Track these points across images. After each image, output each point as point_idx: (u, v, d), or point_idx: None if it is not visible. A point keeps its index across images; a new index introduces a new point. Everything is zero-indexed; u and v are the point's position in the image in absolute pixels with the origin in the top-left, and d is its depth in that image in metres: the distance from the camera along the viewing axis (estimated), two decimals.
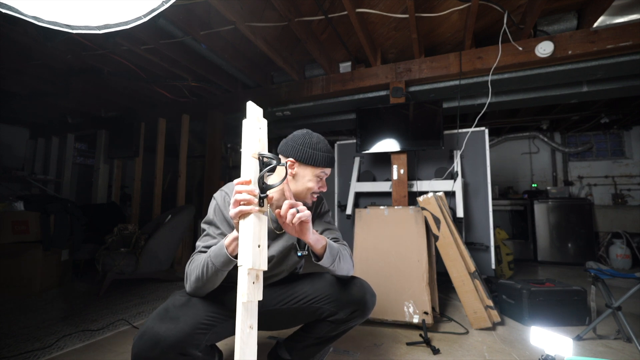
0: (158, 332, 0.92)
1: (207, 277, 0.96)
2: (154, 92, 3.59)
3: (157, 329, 0.93)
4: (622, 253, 3.94)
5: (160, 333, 0.92)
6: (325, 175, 1.15)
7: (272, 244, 1.18)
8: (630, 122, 4.82)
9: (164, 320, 0.96)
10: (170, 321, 0.96)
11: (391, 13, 2.37)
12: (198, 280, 0.99)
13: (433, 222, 2.17)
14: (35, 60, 2.88)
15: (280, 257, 1.19)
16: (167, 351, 0.91)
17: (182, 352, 0.94)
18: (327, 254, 1.02)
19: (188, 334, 0.95)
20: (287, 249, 1.20)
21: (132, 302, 2.46)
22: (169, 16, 2.12)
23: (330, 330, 1.19)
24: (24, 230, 2.66)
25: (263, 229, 0.78)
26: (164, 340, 0.91)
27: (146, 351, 0.90)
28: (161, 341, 0.91)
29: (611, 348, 1.70)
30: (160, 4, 0.81)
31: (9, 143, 4.67)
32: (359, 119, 2.99)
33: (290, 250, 1.20)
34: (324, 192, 1.16)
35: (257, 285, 0.74)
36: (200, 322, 1.00)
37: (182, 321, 0.97)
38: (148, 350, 0.90)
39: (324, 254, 1.02)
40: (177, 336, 0.93)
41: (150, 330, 0.93)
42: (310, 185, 1.11)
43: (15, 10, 0.62)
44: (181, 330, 0.95)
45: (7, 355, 1.58)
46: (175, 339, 0.92)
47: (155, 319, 0.96)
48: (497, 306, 2.15)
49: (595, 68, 2.49)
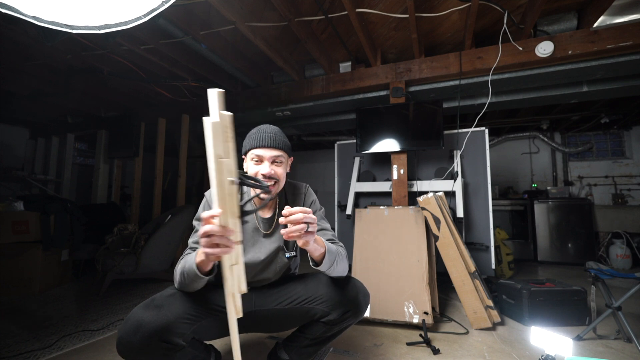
0: (141, 318, 0.95)
1: (186, 284, 1.00)
2: (154, 92, 3.59)
3: (140, 314, 0.96)
4: (622, 253, 3.93)
5: (143, 319, 0.94)
6: (263, 158, 1.10)
7: (260, 246, 1.18)
8: (630, 122, 4.82)
9: (148, 307, 0.99)
10: (154, 309, 0.98)
11: (391, 13, 2.37)
12: (181, 284, 1.02)
13: (433, 222, 2.17)
14: (35, 60, 2.88)
15: (269, 259, 1.19)
16: (149, 336, 0.93)
17: (164, 339, 0.96)
18: (326, 259, 1.01)
19: (171, 322, 0.97)
20: (275, 251, 1.19)
21: (132, 302, 2.46)
22: (169, 16, 2.12)
23: (325, 331, 1.19)
24: (24, 230, 2.66)
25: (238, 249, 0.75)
26: (145, 326, 0.93)
27: (129, 335, 0.93)
28: (143, 326, 0.93)
29: (611, 348, 1.70)
30: (160, 4, 0.81)
31: (9, 143, 4.67)
32: (359, 119, 2.99)
33: (279, 251, 1.20)
34: (271, 176, 1.10)
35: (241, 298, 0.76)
36: (185, 312, 1.02)
37: (165, 309, 0.99)
38: (131, 335, 0.93)
39: (323, 260, 1.01)
40: (158, 323, 0.95)
41: (134, 315, 0.96)
42: (250, 172, 1.11)
43: (15, 10, 0.62)
44: (164, 317, 0.96)
45: (7, 355, 1.58)
46: (156, 325, 0.94)
47: (141, 306, 0.99)
48: (497, 306, 2.15)
49: (595, 68, 2.49)
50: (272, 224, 1.21)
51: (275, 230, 1.21)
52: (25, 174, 4.32)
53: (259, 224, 1.19)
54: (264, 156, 1.10)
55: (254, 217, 1.19)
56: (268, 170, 1.09)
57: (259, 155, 1.10)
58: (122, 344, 0.94)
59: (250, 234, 1.19)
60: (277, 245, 1.19)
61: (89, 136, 4.92)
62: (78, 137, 5.00)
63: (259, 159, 1.11)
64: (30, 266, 2.66)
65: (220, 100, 0.65)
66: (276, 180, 1.11)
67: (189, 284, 0.98)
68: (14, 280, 2.62)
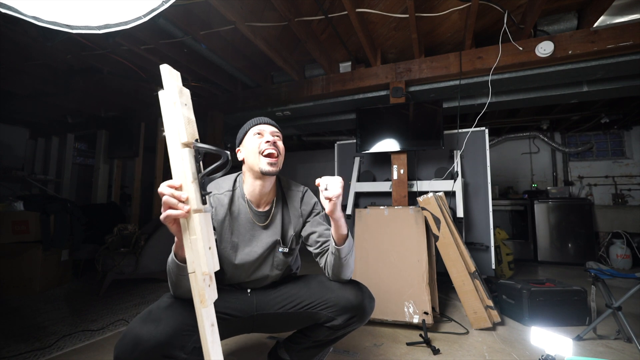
0: (139, 334, 0.88)
1: (174, 281, 0.95)
2: (154, 92, 3.59)
3: (138, 330, 0.89)
4: (622, 253, 3.94)
5: (141, 335, 0.88)
6: (264, 132, 1.14)
7: (257, 240, 1.16)
8: (630, 122, 4.82)
9: (146, 321, 0.92)
10: (152, 323, 0.92)
11: (391, 13, 2.37)
12: (171, 283, 0.97)
13: (433, 222, 2.17)
14: (35, 60, 2.89)
15: (266, 253, 1.16)
16: (149, 353, 0.87)
17: (165, 355, 0.90)
18: (348, 242, 1.07)
19: (171, 336, 0.91)
20: (272, 245, 1.17)
21: (132, 302, 2.46)
22: (169, 16, 2.12)
23: (328, 334, 1.18)
24: (24, 230, 2.66)
25: (210, 229, 0.73)
26: (145, 342, 0.87)
27: (126, 353, 0.87)
28: (142, 343, 0.87)
29: (611, 348, 1.70)
30: (160, 4, 0.81)
31: (9, 143, 4.68)
32: (359, 119, 2.99)
33: (275, 245, 1.17)
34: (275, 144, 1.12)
35: (212, 287, 0.71)
36: (185, 323, 0.96)
37: (164, 323, 0.93)
38: (128, 353, 0.86)
39: (346, 241, 1.06)
40: (159, 338, 0.89)
41: (131, 331, 0.90)
42: (252, 147, 1.12)
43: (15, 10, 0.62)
44: (163, 331, 0.91)
45: (7, 355, 1.58)
46: (156, 341, 0.88)
47: (137, 321, 0.93)
48: (497, 306, 2.15)
49: (595, 68, 2.49)
50: (267, 217, 1.18)
51: (270, 223, 1.18)
52: (25, 174, 4.32)
53: (252, 218, 1.16)
54: (264, 130, 1.14)
55: (248, 210, 1.16)
56: (271, 138, 1.12)
57: (261, 130, 1.14)
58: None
59: (245, 228, 1.16)
60: (274, 239, 1.17)
61: (89, 136, 4.93)
62: (78, 137, 5.01)
63: (260, 133, 1.13)
64: (30, 266, 2.66)
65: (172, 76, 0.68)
66: (277, 152, 1.12)
67: (176, 280, 0.93)
68: (14, 280, 2.62)
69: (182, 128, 0.67)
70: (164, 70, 0.67)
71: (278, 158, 1.12)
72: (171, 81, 0.67)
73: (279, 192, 1.24)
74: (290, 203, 1.22)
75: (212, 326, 0.71)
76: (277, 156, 1.11)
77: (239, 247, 1.15)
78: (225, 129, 3.99)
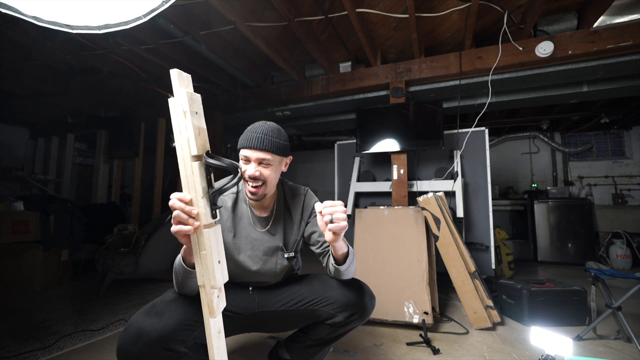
0: (141, 326, 0.91)
1: (180, 282, 0.96)
2: (154, 92, 3.59)
3: (141, 323, 0.92)
4: (622, 253, 3.94)
5: (144, 327, 0.91)
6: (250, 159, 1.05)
7: (259, 244, 1.16)
8: (630, 122, 4.82)
9: (149, 314, 0.95)
10: (155, 316, 0.95)
11: (391, 13, 2.37)
12: (176, 283, 0.99)
13: (433, 222, 2.17)
14: (35, 60, 2.89)
15: (267, 257, 1.17)
16: (150, 345, 0.90)
17: (166, 347, 0.93)
18: (349, 259, 1.04)
19: (172, 329, 0.94)
20: (274, 250, 1.18)
21: (132, 302, 2.46)
22: (169, 16, 2.12)
23: (329, 332, 1.18)
24: (24, 230, 2.66)
25: (220, 242, 0.73)
26: (147, 335, 0.90)
27: (129, 345, 0.89)
28: (144, 335, 0.90)
29: (611, 348, 1.70)
30: (160, 4, 0.81)
31: (9, 143, 4.67)
32: (359, 119, 2.99)
33: (276, 250, 1.18)
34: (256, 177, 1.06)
35: (221, 297, 0.72)
36: (187, 318, 0.98)
37: (166, 316, 0.95)
38: (131, 344, 0.89)
39: (346, 259, 1.04)
40: (160, 331, 0.91)
41: (134, 324, 0.92)
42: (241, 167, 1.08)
43: (15, 10, 0.62)
44: (165, 324, 0.93)
45: (7, 355, 1.58)
46: (158, 334, 0.91)
47: (140, 314, 0.96)
48: (497, 306, 2.16)
49: (595, 68, 2.49)
50: (268, 223, 1.19)
51: (272, 229, 1.19)
52: (25, 174, 4.32)
53: (253, 223, 1.17)
54: (250, 157, 1.06)
55: (250, 216, 1.18)
56: (252, 171, 1.05)
57: (246, 156, 1.07)
58: (122, 352, 0.90)
59: (247, 231, 1.16)
60: (276, 244, 1.17)
61: (89, 136, 4.92)
62: (78, 137, 5.00)
63: (246, 159, 1.08)
64: (30, 266, 2.66)
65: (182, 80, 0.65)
66: (262, 181, 1.07)
67: (182, 281, 0.95)
68: (14, 280, 2.62)
69: (193, 140, 0.64)
70: (174, 75, 0.64)
71: (260, 188, 1.08)
72: (181, 88, 0.64)
73: (280, 198, 1.23)
74: (293, 208, 1.23)
75: (219, 333, 0.73)
76: (260, 185, 1.07)
77: (241, 250, 1.16)
78: (225, 129, 3.99)
